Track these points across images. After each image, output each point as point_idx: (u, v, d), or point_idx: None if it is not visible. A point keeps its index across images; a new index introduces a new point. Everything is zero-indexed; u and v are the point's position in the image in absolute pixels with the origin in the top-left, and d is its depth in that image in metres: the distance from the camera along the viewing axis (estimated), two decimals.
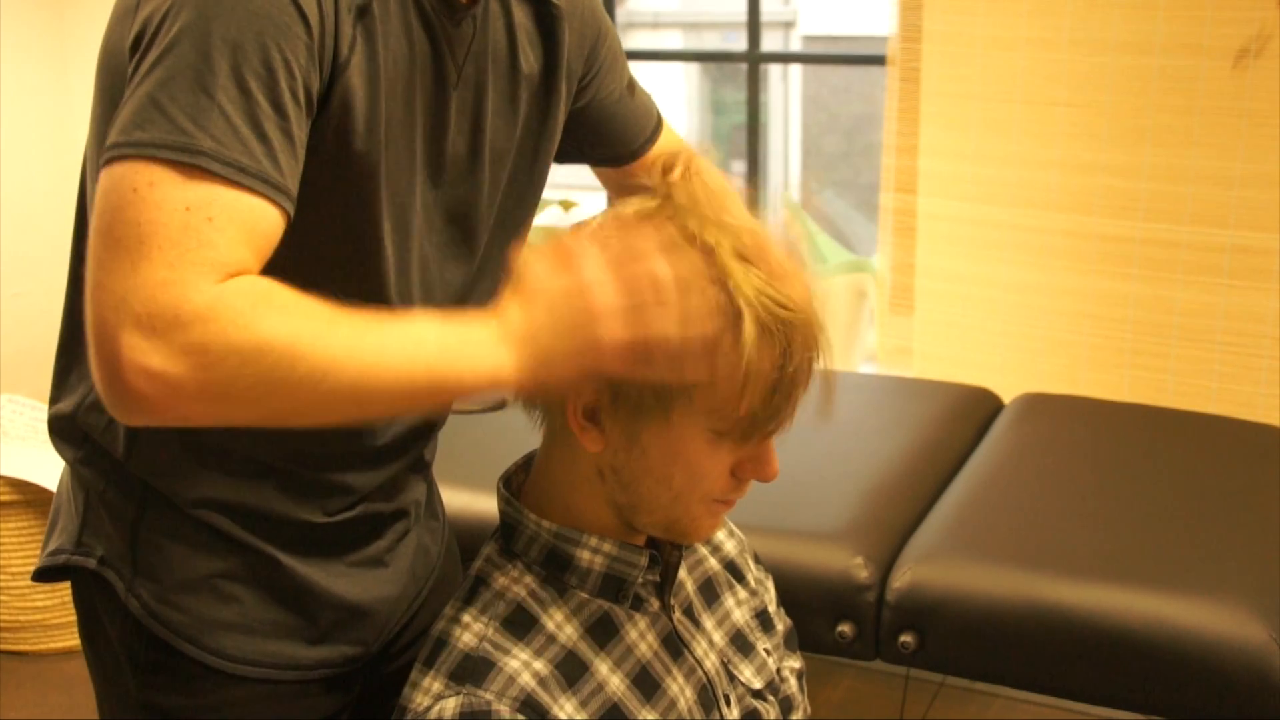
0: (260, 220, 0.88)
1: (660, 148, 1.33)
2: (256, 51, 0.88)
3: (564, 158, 1.28)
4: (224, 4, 0.88)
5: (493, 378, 0.91)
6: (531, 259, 0.93)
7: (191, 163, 0.85)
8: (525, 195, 1.20)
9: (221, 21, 0.88)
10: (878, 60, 2.86)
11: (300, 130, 0.91)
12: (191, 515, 1.10)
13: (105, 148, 0.87)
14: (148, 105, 0.87)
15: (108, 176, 0.86)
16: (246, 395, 0.86)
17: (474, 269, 1.16)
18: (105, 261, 0.84)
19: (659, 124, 1.35)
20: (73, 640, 2.76)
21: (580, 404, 0.99)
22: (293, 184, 0.90)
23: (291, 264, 0.90)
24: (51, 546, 1.16)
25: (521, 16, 1.15)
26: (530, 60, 1.16)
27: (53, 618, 2.74)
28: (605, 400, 0.99)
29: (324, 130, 0.95)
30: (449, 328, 0.91)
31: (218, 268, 0.85)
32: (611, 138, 1.31)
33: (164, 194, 0.84)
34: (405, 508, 1.24)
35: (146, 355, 0.83)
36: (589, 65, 1.24)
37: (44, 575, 1.16)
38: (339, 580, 1.17)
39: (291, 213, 0.91)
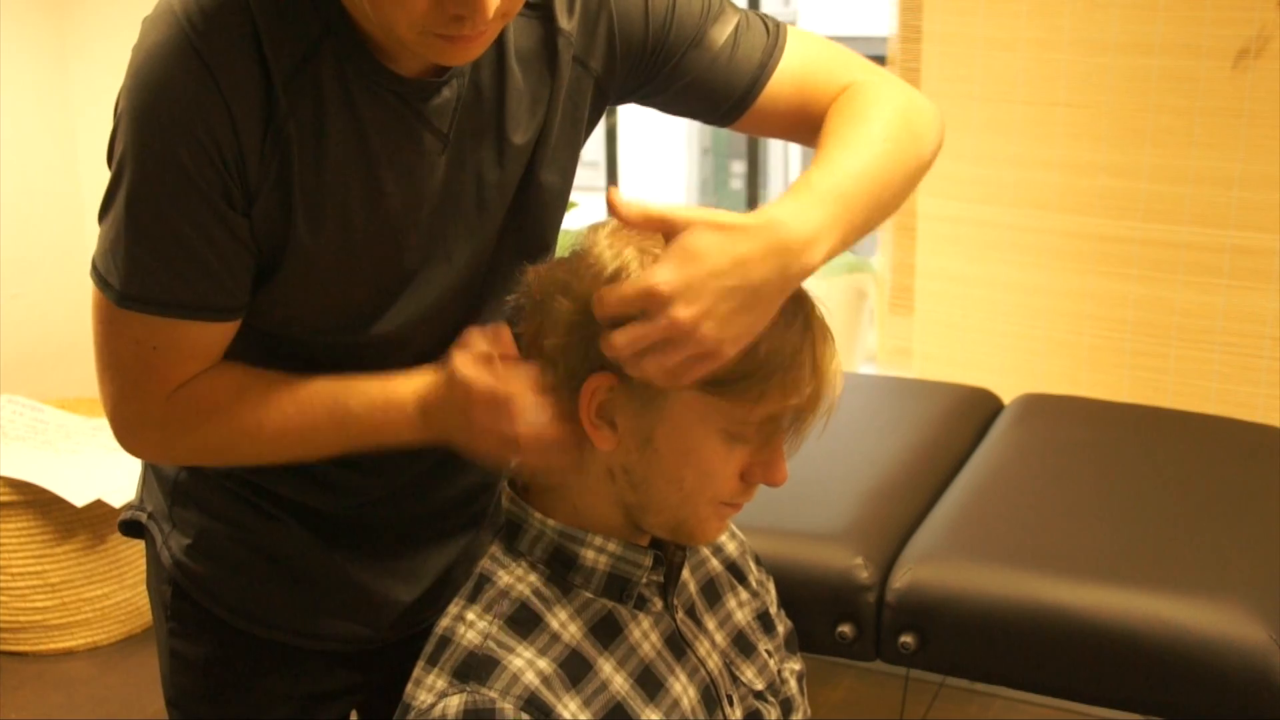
0: (195, 338, 1.05)
1: (781, 86, 1.18)
2: (151, 208, 1.00)
3: (695, 117, 1.24)
4: (135, 165, 0.99)
5: (410, 443, 1.08)
6: (459, 354, 1.04)
7: (125, 306, 1.02)
8: (542, 219, 1.18)
9: (134, 181, 0.99)
10: (878, 60, 2.85)
11: (220, 256, 1.02)
12: (219, 484, 1.21)
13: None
14: (101, 240, 1.03)
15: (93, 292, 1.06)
16: (203, 464, 1.18)
17: (488, 294, 1.16)
18: (97, 371, 1.08)
19: (763, 68, 1.17)
20: (72, 641, 2.76)
21: (594, 403, 0.99)
22: (218, 298, 1.04)
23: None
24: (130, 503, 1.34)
25: (528, 41, 1.11)
26: (533, 112, 1.12)
27: (53, 618, 2.74)
28: (618, 397, 0.99)
29: (261, 242, 1.04)
30: (374, 403, 1.07)
31: (167, 385, 1.06)
32: (701, 103, 1.19)
33: (115, 329, 1.05)
34: (443, 513, 1.26)
35: (125, 439, 1.10)
36: (641, 53, 1.15)
37: (121, 528, 1.32)
38: (354, 564, 1.23)
39: (228, 317, 1.06)
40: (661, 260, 0.93)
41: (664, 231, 0.96)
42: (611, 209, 0.97)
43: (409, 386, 1.07)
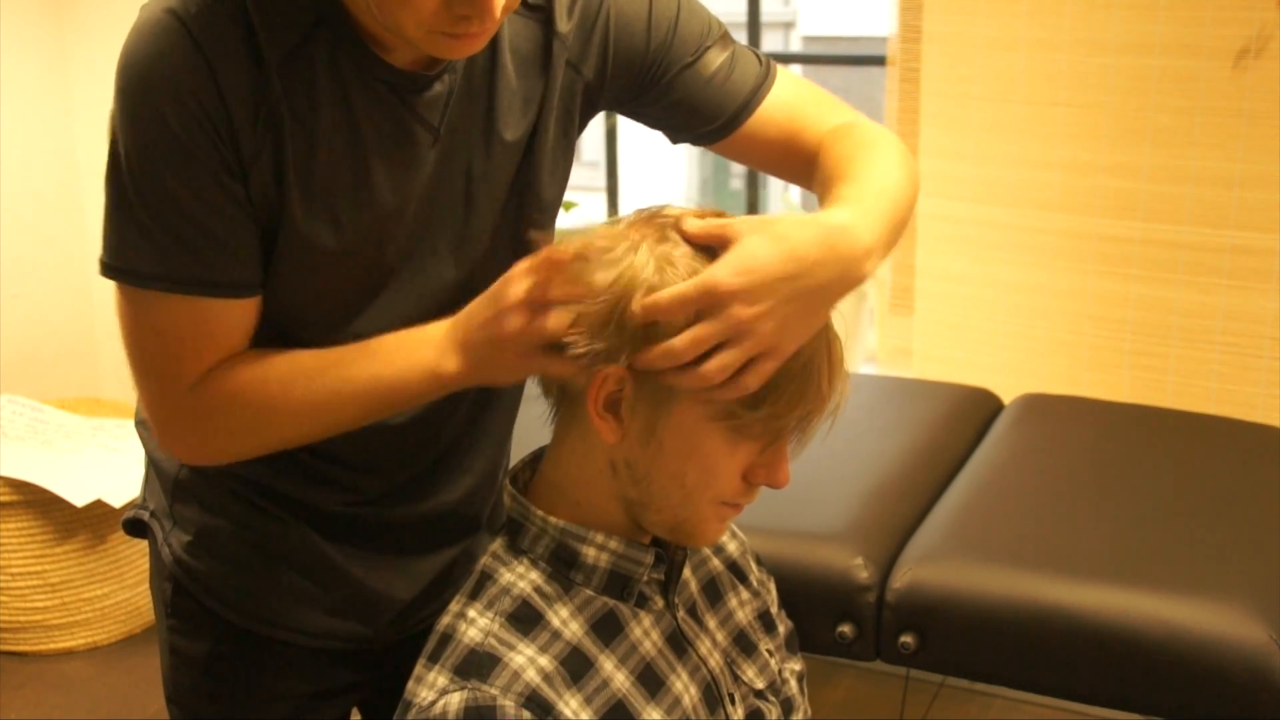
0: (217, 317, 1.06)
1: (772, 114, 1.20)
2: (153, 181, 1.01)
3: (677, 138, 1.25)
4: (132, 140, 1.00)
5: (434, 372, 1.05)
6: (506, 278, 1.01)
7: (143, 286, 1.03)
8: (528, 216, 1.18)
9: (132, 157, 1.01)
10: (878, 61, 2.86)
11: (227, 226, 1.03)
12: (219, 481, 1.22)
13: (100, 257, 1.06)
14: (107, 226, 1.04)
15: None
16: (238, 454, 1.13)
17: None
18: (133, 379, 1.09)
19: (755, 93, 1.20)
20: (72, 641, 2.76)
21: (603, 393, 1.00)
22: (233, 273, 1.04)
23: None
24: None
25: (525, 43, 1.12)
26: (525, 111, 1.12)
27: (53, 618, 2.74)
28: (628, 390, 0.99)
29: (260, 213, 1.05)
30: (400, 340, 1.06)
31: (194, 374, 1.07)
32: (690, 119, 1.21)
33: (138, 320, 1.06)
34: (441, 517, 1.27)
35: (168, 442, 1.13)
36: (640, 66, 1.17)
37: (125, 527, 1.33)
38: (352, 562, 1.23)
39: (243, 294, 1.06)
40: (719, 261, 0.94)
41: (720, 242, 0.96)
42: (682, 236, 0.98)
43: (437, 325, 1.06)
